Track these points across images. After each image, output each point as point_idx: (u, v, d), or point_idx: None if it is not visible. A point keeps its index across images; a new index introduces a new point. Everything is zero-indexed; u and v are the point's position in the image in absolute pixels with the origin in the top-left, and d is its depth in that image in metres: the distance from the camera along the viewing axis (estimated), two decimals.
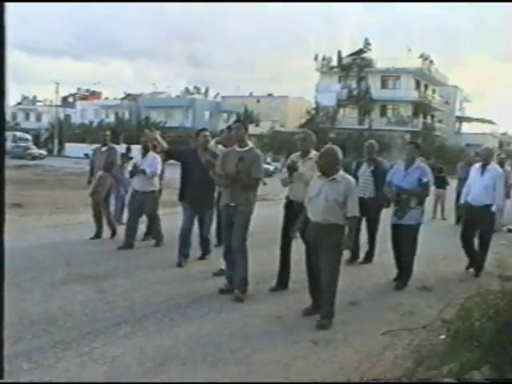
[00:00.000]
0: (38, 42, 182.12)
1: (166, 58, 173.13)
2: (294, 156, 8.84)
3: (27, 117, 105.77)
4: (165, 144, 10.65)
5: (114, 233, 12.50)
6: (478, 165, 11.11)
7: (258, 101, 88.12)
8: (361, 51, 70.72)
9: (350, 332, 7.03)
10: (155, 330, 6.74)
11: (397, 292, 8.98)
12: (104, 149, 12.61)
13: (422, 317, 7.76)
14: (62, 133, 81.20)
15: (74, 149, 70.68)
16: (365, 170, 11.23)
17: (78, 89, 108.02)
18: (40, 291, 8.18)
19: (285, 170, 8.75)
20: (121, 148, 14.58)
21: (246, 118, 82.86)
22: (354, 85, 70.82)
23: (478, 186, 10.71)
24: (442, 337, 6.74)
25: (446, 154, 58.98)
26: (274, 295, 8.47)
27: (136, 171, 11.69)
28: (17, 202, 17.86)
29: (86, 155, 43.78)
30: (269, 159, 55.29)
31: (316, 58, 74.02)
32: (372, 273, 9.42)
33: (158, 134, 10.61)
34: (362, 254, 11.25)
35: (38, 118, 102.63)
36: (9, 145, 72.10)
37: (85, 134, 77.20)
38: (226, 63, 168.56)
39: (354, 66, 70.61)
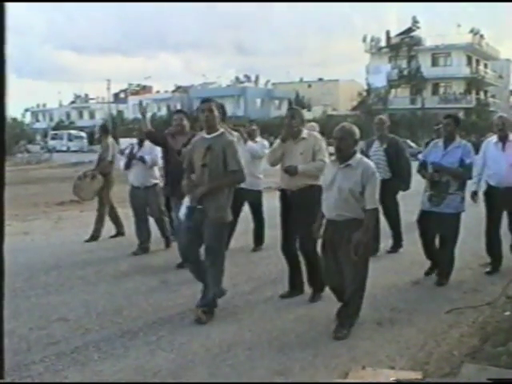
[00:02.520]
0: (86, 42, 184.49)
1: (213, 48, 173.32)
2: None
3: (81, 115, 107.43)
4: (148, 125, 9.56)
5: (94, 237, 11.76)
6: (493, 138, 9.10)
7: (310, 86, 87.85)
8: (409, 30, 69.86)
9: (414, 311, 7.01)
10: (220, 317, 6.81)
11: (459, 270, 8.82)
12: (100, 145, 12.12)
13: (486, 294, 7.68)
14: (116, 128, 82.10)
15: (128, 144, 71.54)
16: (377, 149, 10.15)
17: (129, 84, 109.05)
18: (104, 283, 8.35)
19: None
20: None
21: (297, 104, 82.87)
22: (404, 64, 70.00)
23: (501, 163, 8.74)
24: (507, 313, 6.67)
25: None
26: None
27: (132, 157, 10.52)
28: (76, 199, 18.20)
29: None
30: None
31: (364, 40, 73.47)
32: None
33: (146, 112, 9.63)
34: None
35: (92, 116, 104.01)
36: (64, 143, 73.40)
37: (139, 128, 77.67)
38: (274, 50, 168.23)
39: (403, 45, 69.76)
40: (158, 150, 10.17)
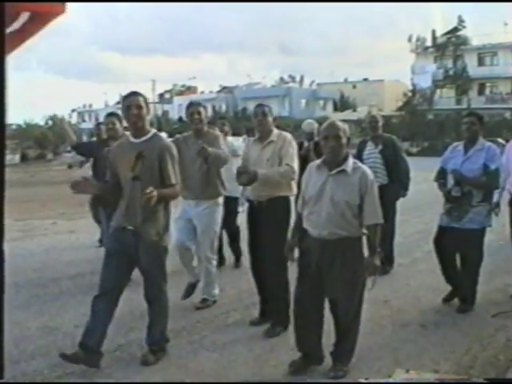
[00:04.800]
0: (130, 43, 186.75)
1: (257, 48, 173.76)
2: (251, 142, 6.69)
3: None
4: (73, 137, 8.78)
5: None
6: None
7: (354, 86, 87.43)
8: (455, 29, 69.01)
9: (459, 315, 6.92)
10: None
11: (505, 273, 8.70)
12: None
13: None
14: (161, 129, 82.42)
15: None
16: (371, 151, 9.14)
17: (174, 85, 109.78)
18: None
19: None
20: None
21: (342, 104, 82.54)
22: (450, 64, 69.14)
23: None
24: None
25: None
26: (379, 279, 8.29)
27: None
28: None
29: None
30: None
31: (410, 39, 72.67)
32: None
33: (66, 125, 9.05)
34: None
35: None
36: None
37: (183, 128, 78.02)
38: (319, 50, 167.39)
39: (449, 44, 68.90)
40: None
